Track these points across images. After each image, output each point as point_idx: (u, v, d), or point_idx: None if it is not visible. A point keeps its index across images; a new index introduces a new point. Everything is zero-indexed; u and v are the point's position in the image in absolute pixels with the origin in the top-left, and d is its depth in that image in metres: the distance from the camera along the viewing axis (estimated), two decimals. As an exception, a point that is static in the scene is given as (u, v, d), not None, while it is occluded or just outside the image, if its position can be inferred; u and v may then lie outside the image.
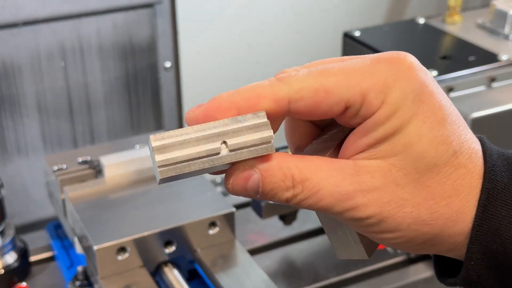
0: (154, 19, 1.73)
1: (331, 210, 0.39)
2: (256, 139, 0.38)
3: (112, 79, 1.74)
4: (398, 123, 0.38)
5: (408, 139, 0.38)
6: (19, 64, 1.62)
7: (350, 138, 0.40)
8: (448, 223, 0.39)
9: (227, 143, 0.38)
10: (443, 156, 0.38)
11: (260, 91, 0.39)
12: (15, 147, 1.70)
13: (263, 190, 0.39)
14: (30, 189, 1.73)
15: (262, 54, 1.96)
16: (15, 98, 1.65)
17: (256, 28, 1.93)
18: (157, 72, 1.79)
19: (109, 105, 1.76)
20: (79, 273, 0.91)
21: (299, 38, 2.00)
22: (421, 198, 0.39)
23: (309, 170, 0.38)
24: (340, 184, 0.38)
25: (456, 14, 1.10)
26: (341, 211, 0.39)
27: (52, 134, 1.72)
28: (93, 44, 1.67)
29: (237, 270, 0.88)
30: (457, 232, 0.39)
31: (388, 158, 0.38)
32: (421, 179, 0.38)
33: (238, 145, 0.38)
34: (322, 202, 0.38)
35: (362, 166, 0.38)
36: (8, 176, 1.69)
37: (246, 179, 0.39)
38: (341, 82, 0.38)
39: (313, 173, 0.38)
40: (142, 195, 0.93)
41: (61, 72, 1.68)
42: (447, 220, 0.39)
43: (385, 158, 0.38)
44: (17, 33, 1.58)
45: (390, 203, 0.38)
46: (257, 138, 0.38)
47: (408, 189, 0.38)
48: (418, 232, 0.39)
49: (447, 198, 0.39)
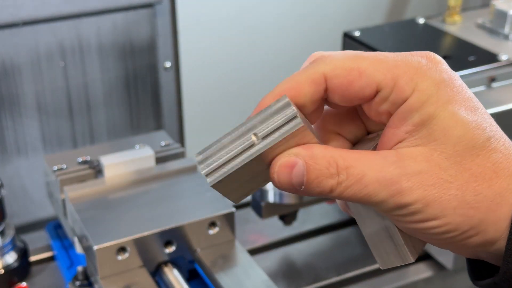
0: (154, 19, 1.73)
1: (375, 198, 0.39)
2: (281, 120, 0.39)
3: (112, 79, 1.74)
4: (433, 109, 0.39)
5: (445, 124, 0.39)
6: (18, 64, 1.62)
7: (387, 131, 0.41)
8: (492, 206, 0.39)
9: (257, 133, 0.39)
10: (479, 140, 0.39)
11: (298, 78, 0.40)
12: (15, 147, 1.70)
13: (308, 178, 0.39)
14: (30, 189, 1.73)
15: (262, 54, 1.96)
16: (15, 98, 1.65)
17: (256, 28, 1.93)
18: (157, 72, 1.79)
19: (109, 105, 1.76)
20: (79, 273, 0.91)
21: (299, 38, 2.00)
22: (464, 180, 0.39)
23: (352, 158, 0.39)
24: (384, 169, 0.39)
25: (456, 14, 1.10)
26: (385, 198, 0.39)
27: (51, 134, 1.72)
28: (92, 44, 1.67)
29: (237, 270, 0.88)
30: (501, 217, 0.40)
31: (429, 143, 0.39)
32: (462, 162, 0.39)
33: (268, 131, 0.39)
34: (366, 189, 0.39)
35: (404, 153, 0.39)
36: (8, 176, 1.69)
37: (291, 167, 0.39)
38: (374, 66, 0.40)
39: (357, 161, 0.39)
40: (142, 195, 0.93)
41: (60, 72, 1.68)
42: (491, 202, 0.39)
43: (426, 144, 0.39)
44: (16, 33, 1.58)
45: (434, 186, 0.39)
46: (283, 119, 0.39)
47: (451, 171, 0.39)
48: (463, 216, 0.39)
49: (489, 180, 0.39)
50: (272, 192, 0.93)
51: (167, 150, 1.03)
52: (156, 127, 1.84)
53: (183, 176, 0.97)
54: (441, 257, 0.97)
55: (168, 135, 1.08)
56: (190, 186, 0.95)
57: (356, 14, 2.03)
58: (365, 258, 1.00)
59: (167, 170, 0.97)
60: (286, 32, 1.97)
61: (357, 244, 1.04)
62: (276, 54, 1.95)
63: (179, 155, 1.03)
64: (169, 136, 1.08)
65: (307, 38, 1.99)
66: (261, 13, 1.92)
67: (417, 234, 0.41)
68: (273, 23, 1.95)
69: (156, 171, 0.97)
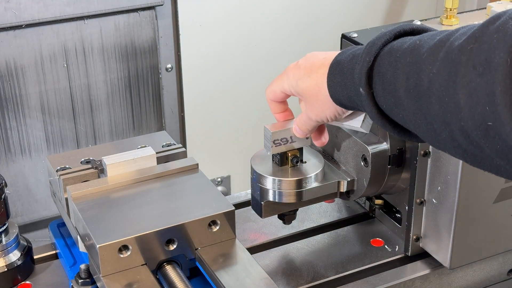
0: (155, 21, 1.74)
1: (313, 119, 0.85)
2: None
3: (114, 80, 1.75)
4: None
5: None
6: (22, 65, 1.63)
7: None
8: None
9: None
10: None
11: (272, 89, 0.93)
12: (19, 147, 1.71)
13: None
14: (33, 188, 1.75)
15: (262, 55, 1.97)
16: (19, 99, 1.66)
17: (256, 30, 1.94)
18: (159, 73, 1.80)
19: (111, 105, 1.77)
20: (81, 271, 0.92)
21: (299, 40, 2.01)
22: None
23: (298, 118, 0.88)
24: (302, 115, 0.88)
25: (453, 16, 1.11)
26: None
27: (55, 134, 1.74)
28: (95, 45, 1.68)
29: (237, 268, 0.89)
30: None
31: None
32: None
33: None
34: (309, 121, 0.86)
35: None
36: (12, 176, 1.70)
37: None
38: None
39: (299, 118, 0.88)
40: (143, 194, 0.94)
41: (64, 73, 1.69)
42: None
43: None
44: (20, 34, 1.59)
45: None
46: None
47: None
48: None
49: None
50: (272, 191, 0.94)
51: (168, 150, 1.04)
52: (157, 128, 1.85)
53: (184, 175, 0.98)
54: (438, 255, 0.98)
55: (170, 136, 1.10)
56: (191, 185, 0.96)
57: (354, 16, 2.04)
58: (363, 256, 1.01)
59: (169, 169, 0.99)
60: (286, 34, 1.98)
61: (355, 243, 1.05)
62: (275, 55, 1.96)
63: (180, 155, 1.04)
64: (170, 136, 1.09)
65: (306, 40, 2.00)
66: (261, 15, 1.93)
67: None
68: (273, 25, 1.96)
69: (158, 171, 0.98)
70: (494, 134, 0.54)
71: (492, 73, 0.52)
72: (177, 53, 1.83)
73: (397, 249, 1.03)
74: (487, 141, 0.55)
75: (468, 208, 0.94)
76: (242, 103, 1.99)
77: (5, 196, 0.95)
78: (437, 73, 0.58)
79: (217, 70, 1.92)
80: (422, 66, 0.61)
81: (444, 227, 0.95)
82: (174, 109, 1.88)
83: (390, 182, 0.98)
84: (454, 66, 0.56)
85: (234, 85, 1.97)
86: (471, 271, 1.04)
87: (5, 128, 1.66)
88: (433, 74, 0.59)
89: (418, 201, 0.97)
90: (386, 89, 0.66)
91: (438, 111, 0.59)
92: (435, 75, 0.59)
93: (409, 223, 0.99)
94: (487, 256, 1.01)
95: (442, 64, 0.58)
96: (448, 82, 0.57)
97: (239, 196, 1.18)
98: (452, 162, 0.91)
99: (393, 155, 0.96)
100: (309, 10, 1.98)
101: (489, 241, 0.99)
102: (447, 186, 0.93)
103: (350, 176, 0.99)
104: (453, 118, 0.58)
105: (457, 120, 0.57)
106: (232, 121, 2.00)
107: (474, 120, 0.55)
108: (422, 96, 0.61)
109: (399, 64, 0.64)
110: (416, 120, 0.63)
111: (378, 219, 1.10)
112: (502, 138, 0.53)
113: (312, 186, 0.94)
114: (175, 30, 1.81)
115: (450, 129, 0.59)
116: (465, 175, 0.91)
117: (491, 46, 0.53)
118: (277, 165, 0.95)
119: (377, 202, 1.07)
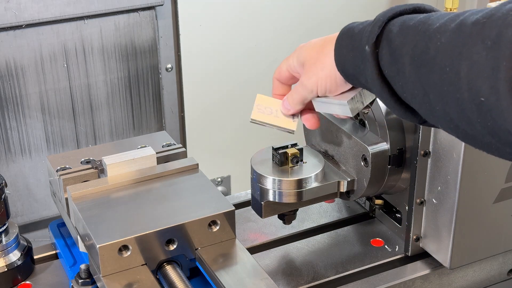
0: (155, 21, 1.74)
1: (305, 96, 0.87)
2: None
3: (114, 80, 1.76)
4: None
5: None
6: (22, 65, 1.64)
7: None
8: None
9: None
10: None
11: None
12: (19, 147, 1.71)
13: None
14: (34, 188, 1.75)
15: (262, 55, 1.97)
16: (19, 99, 1.66)
17: (256, 30, 1.94)
18: (159, 73, 1.80)
19: (111, 105, 1.77)
20: (82, 271, 0.92)
21: (299, 40, 2.00)
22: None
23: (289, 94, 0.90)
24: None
25: (453, 16, 1.11)
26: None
27: (55, 134, 1.74)
28: (95, 45, 1.69)
29: (237, 268, 0.89)
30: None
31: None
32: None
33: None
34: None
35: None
36: (12, 176, 1.70)
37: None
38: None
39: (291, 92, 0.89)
40: (143, 195, 0.95)
41: (64, 73, 1.69)
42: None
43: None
44: (20, 34, 1.59)
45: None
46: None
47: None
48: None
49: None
50: (272, 191, 0.94)
51: (168, 150, 1.04)
52: (157, 128, 1.85)
53: (184, 175, 0.99)
54: (438, 255, 0.98)
55: (170, 136, 1.10)
56: (191, 185, 0.96)
57: (354, 16, 2.04)
58: (363, 256, 1.01)
59: (169, 169, 0.99)
60: (286, 34, 1.98)
61: (355, 243, 1.05)
62: (275, 55, 1.96)
63: (180, 155, 1.04)
64: (170, 136, 1.10)
65: (306, 40, 2.00)
66: (261, 14, 1.93)
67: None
68: (273, 25, 1.96)
69: (158, 171, 0.98)
70: (486, 109, 0.55)
71: (501, 48, 0.53)
72: (177, 53, 1.83)
73: (397, 249, 1.03)
74: (479, 116, 0.56)
75: (468, 208, 0.94)
76: (242, 103, 1.99)
77: (5, 196, 0.95)
78: (445, 42, 0.59)
79: (217, 70, 1.92)
80: (431, 35, 0.61)
81: (444, 227, 0.95)
82: (174, 109, 1.88)
83: (390, 182, 0.98)
84: (463, 38, 0.57)
85: (234, 85, 1.97)
86: (471, 271, 1.04)
87: (5, 128, 1.66)
88: (440, 43, 0.60)
89: (418, 201, 0.97)
90: (392, 54, 0.66)
91: (437, 81, 0.60)
92: (442, 45, 0.60)
93: (409, 223, 0.99)
94: (487, 256, 1.02)
95: (452, 35, 0.59)
96: (453, 53, 0.58)
97: (239, 196, 1.18)
98: (452, 162, 0.91)
99: (393, 155, 0.96)
100: (309, 10, 1.98)
101: (489, 241, 0.99)
102: (447, 186, 0.93)
103: (350, 176, 0.99)
104: (450, 89, 0.58)
105: (454, 91, 0.58)
106: (232, 121, 2.00)
107: (471, 93, 0.56)
108: (425, 65, 0.61)
109: (410, 32, 0.65)
110: (414, 89, 0.64)
111: (378, 219, 1.10)
112: (494, 115, 0.54)
113: (312, 186, 0.95)
114: (175, 30, 1.81)
115: (445, 101, 0.60)
116: (465, 175, 0.91)
117: (505, 22, 0.54)
118: (277, 165, 0.95)
119: (377, 202, 1.07)
